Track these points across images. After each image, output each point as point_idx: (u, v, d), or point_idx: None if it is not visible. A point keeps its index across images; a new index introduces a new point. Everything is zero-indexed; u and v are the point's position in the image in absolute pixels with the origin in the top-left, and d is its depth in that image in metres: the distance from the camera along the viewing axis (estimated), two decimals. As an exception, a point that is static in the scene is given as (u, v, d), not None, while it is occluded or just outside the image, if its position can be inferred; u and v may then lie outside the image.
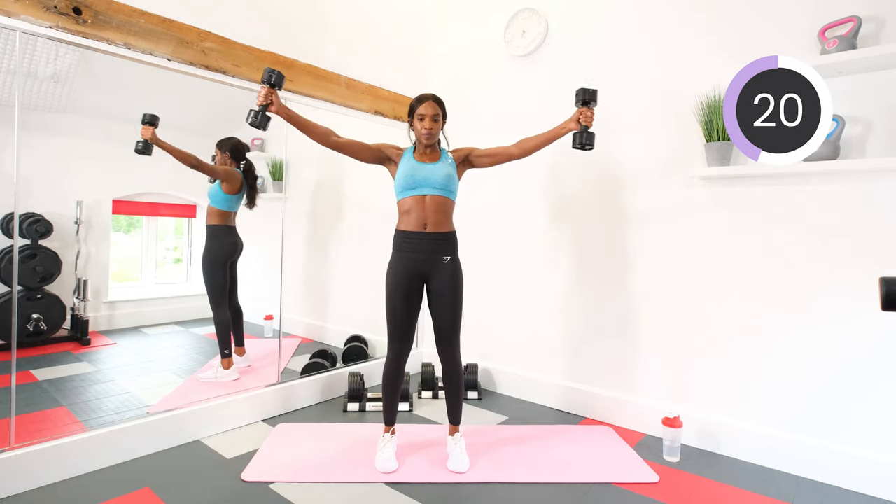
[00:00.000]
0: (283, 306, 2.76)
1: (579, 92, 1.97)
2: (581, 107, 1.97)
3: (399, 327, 2.07)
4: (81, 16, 1.93)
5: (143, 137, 2.38)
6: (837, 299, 2.02)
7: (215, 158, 2.74)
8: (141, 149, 2.39)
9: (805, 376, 2.09)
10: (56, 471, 1.89)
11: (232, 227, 2.79)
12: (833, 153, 1.93)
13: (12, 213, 1.93)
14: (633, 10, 2.58)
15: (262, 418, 2.55)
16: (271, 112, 1.90)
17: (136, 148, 2.39)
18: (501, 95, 3.11)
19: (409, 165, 2.03)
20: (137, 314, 2.87)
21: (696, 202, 2.37)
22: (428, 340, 3.41)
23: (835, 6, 2.01)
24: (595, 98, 1.96)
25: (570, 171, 2.80)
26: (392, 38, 3.27)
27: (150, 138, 2.39)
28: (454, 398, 2.15)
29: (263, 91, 1.87)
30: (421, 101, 2.05)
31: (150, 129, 2.39)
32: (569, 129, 2.00)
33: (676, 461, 2.19)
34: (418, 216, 2.02)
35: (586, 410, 2.71)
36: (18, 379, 1.89)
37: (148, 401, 2.40)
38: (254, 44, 2.48)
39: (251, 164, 2.82)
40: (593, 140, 1.96)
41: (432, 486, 1.95)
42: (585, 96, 1.96)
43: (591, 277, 2.73)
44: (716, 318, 2.31)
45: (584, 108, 1.96)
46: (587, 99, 1.95)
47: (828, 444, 2.02)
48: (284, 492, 1.87)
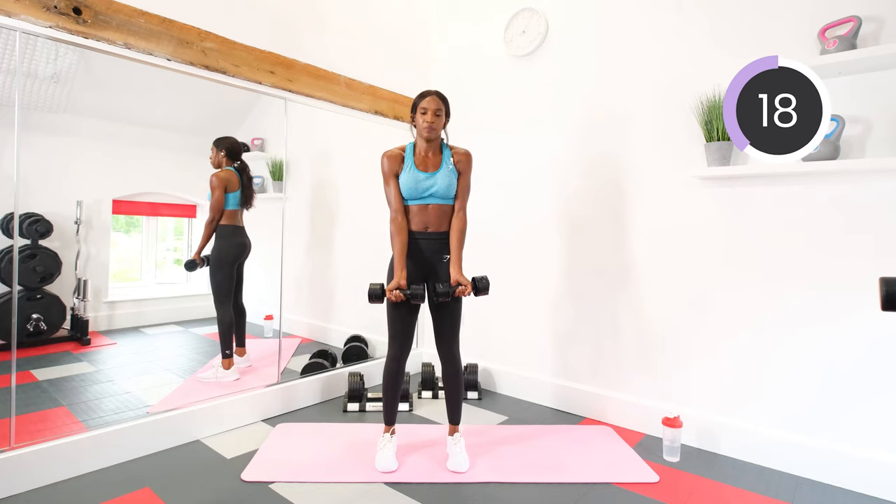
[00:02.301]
0: (284, 306, 2.76)
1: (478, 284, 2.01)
2: (472, 287, 2.00)
3: (399, 327, 2.07)
4: (81, 16, 1.93)
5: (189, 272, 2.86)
6: (838, 299, 2.02)
7: (210, 157, 2.74)
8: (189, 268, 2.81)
9: (805, 376, 2.09)
10: (56, 471, 1.89)
11: (240, 227, 2.78)
12: (833, 153, 1.93)
13: (12, 213, 1.93)
14: (632, 9, 2.58)
15: (262, 418, 2.55)
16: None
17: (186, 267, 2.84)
18: (501, 95, 3.11)
19: (412, 177, 2.02)
20: (137, 314, 2.87)
21: (696, 202, 2.37)
22: (428, 340, 3.41)
23: (835, 6, 2.01)
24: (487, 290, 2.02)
25: (571, 171, 2.80)
26: (392, 38, 3.27)
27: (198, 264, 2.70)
28: (454, 398, 2.15)
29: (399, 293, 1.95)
30: (424, 96, 2.05)
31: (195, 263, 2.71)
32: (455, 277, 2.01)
33: (676, 461, 2.19)
34: (421, 220, 2.04)
35: (586, 410, 2.71)
36: (18, 379, 1.89)
37: (148, 401, 2.40)
38: (254, 44, 2.48)
39: (245, 164, 2.81)
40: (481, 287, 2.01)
41: (432, 486, 1.95)
42: (480, 286, 2.01)
43: (590, 277, 2.73)
44: (716, 317, 2.31)
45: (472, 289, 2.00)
46: (479, 289, 2.01)
47: (828, 444, 2.02)
48: (284, 492, 1.87)
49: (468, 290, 2.00)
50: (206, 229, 2.67)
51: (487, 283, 2.03)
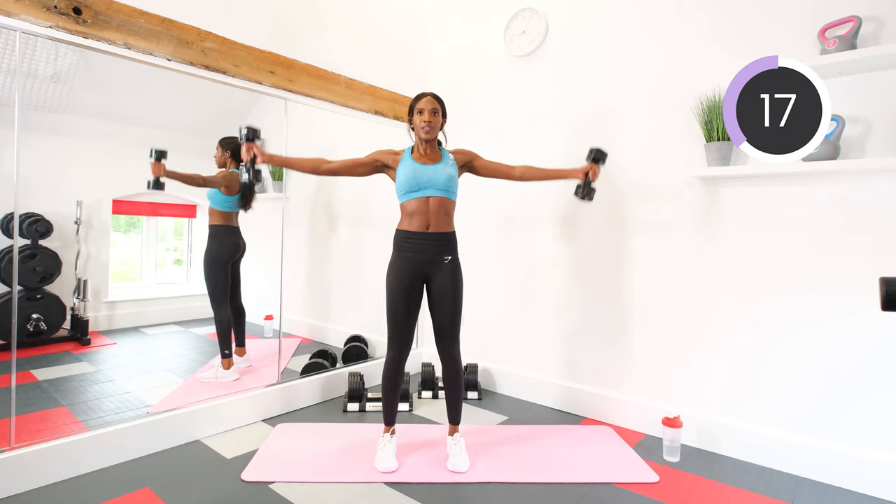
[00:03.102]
0: (283, 306, 2.76)
1: (593, 150, 2.14)
2: (592, 163, 2.13)
3: (399, 327, 2.07)
4: (81, 16, 1.93)
5: (154, 175, 2.40)
6: (838, 299, 2.02)
7: (215, 156, 2.74)
8: (153, 186, 2.42)
9: (805, 376, 2.09)
10: (56, 471, 1.89)
11: (234, 228, 2.79)
12: (833, 153, 1.93)
13: (12, 213, 1.93)
14: (632, 9, 2.58)
15: (262, 418, 2.55)
16: (259, 164, 2.01)
17: (149, 185, 2.43)
18: (501, 95, 3.11)
19: (411, 168, 2.03)
20: (137, 314, 2.87)
21: (696, 202, 2.37)
22: (428, 340, 3.41)
23: (835, 6, 2.01)
24: (605, 158, 2.14)
25: (570, 171, 2.80)
26: (392, 38, 3.27)
27: (161, 174, 2.42)
28: (454, 398, 2.15)
29: (244, 149, 1.99)
30: (420, 98, 2.06)
31: (161, 166, 2.41)
32: (575, 177, 2.15)
33: (676, 461, 2.19)
34: (422, 218, 2.03)
35: (586, 410, 2.71)
36: (18, 379, 1.89)
37: (148, 401, 2.40)
38: (254, 44, 2.48)
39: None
40: (594, 195, 2.15)
41: (432, 486, 1.95)
42: (597, 155, 2.13)
43: (590, 277, 2.73)
44: (716, 317, 2.31)
45: (594, 165, 2.13)
46: (598, 158, 2.13)
47: (828, 444, 2.02)
48: (284, 492, 1.87)
49: (595, 170, 2.13)
50: (188, 179, 2.59)
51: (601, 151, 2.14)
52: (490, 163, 2.20)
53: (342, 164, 2.11)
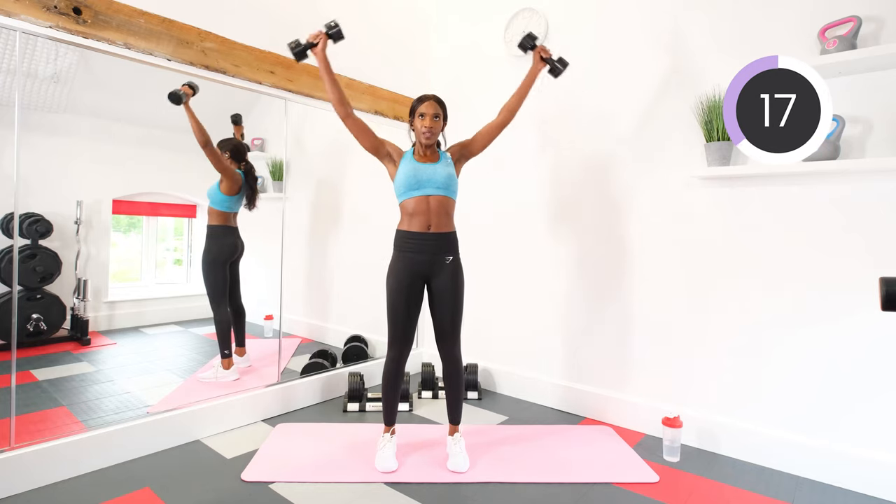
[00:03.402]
0: (283, 306, 2.76)
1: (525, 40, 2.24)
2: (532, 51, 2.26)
3: (400, 327, 2.06)
4: (81, 16, 1.93)
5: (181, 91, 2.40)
6: (838, 299, 2.02)
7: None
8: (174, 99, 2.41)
9: (805, 376, 2.09)
10: (56, 471, 1.89)
11: (232, 228, 2.79)
12: (833, 153, 1.93)
13: (12, 213, 1.93)
14: (632, 9, 2.58)
15: (262, 418, 2.55)
16: (314, 53, 1.99)
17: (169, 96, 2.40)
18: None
19: (411, 166, 2.03)
20: (137, 314, 2.87)
21: (696, 202, 2.36)
22: (428, 340, 3.41)
23: (835, 6, 2.01)
24: (535, 40, 2.24)
25: (570, 171, 2.80)
26: (392, 37, 3.27)
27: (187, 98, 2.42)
28: (454, 398, 2.15)
29: (317, 32, 1.99)
30: (422, 101, 2.05)
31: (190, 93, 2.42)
32: (538, 68, 2.26)
33: (676, 461, 2.19)
34: (423, 217, 2.02)
35: (586, 410, 2.71)
36: (18, 379, 1.89)
37: (148, 401, 2.40)
38: (254, 44, 2.48)
39: (251, 165, 2.82)
40: (565, 61, 2.26)
41: (432, 486, 1.95)
42: (528, 42, 2.24)
43: (591, 277, 2.73)
44: (716, 317, 2.31)
45: (535, 50, 2.25)
46: (525, 45, 2.24)
47: (828, 444, 2.02)
48: (284, 492, 1.87)
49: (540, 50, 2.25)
50: (198, 126, 2.53)
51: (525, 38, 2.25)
52: (478, 134, 2.19)
53: (361, 121, 2.07)
